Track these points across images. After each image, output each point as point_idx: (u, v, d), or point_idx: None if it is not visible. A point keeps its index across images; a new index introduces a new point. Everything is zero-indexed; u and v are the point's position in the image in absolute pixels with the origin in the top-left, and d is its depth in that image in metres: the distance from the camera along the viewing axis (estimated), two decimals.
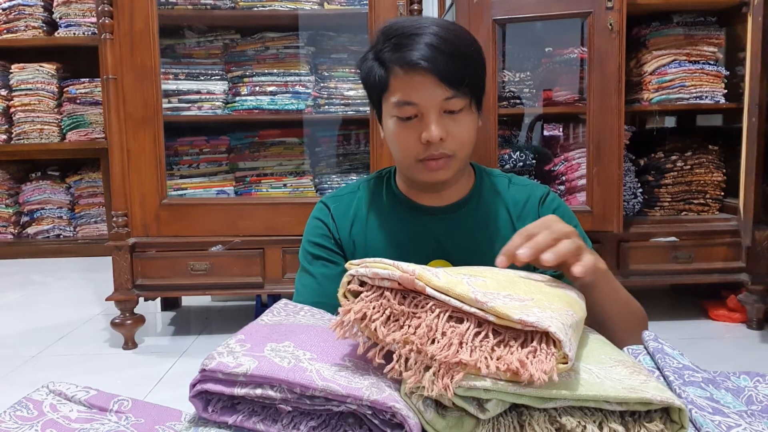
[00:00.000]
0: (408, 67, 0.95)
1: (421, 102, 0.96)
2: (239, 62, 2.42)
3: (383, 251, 1.06)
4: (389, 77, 0.98)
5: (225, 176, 2.45)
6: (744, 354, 2.15)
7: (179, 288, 2.30)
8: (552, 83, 2.51)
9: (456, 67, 0.95)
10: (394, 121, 1.00)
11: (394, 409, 0.59)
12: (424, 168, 1.00)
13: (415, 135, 0.97)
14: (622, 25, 2.16)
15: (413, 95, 0.96)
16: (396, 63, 0.96)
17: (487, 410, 0.58)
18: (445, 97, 0.96)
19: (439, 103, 0.96)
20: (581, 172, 2.34)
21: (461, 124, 0.98)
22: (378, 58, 0.99)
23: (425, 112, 0.96)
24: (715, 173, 2.47)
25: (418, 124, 0.97)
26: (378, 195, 1.12)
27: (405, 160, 1.02)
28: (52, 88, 3.71)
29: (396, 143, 1.01)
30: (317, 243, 1.10)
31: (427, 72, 0.94)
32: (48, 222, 3.90)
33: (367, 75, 1.02)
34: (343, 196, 1.13)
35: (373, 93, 1.03)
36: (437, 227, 1.07)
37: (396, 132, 1.00)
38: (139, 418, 0.71)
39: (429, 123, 0.96)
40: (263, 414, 0.62)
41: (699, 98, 2.40)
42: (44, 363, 2.16)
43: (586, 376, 0.60)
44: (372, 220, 1.10)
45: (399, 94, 0.97)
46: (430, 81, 0.95)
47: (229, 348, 0.65)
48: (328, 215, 1.11)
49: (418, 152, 0.99)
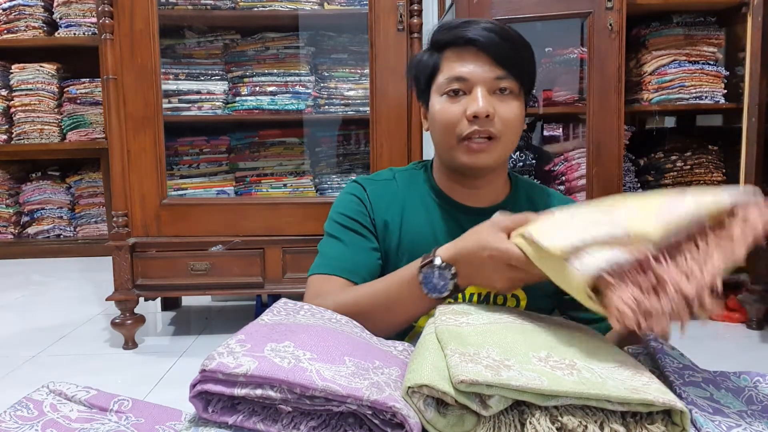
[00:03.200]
0: (462, 44, 0.97)
1: (472, 77, 0.97)
2: (239, 62, 2.42)
3: (417, 242, 1.03)
4: (441, 59, 1.00)
5: (225, 176, 2.45)
6: (744, 354, 2.15)
7: (179, 288, 2.30)
8: (552, 83, 2.51)
9: (509, 49, 0.97)
10: (442, 100, 0.99)
11: (395, 409, 0.59)
12: (466, 149, 0.98)
13: (461, 111, 0.97)
14: (622, 25, 2.16)
15: (465, 70, 0.97)
16: (450, 43, 0.98)
17: (489, 407, 0.58)
18: (496, 75, 0.97)
19: (489, 81, 0.97)
20: (581, 172, 2.34)
21: (509, 106, 0.98)
22: (432, 46, 1.01)
23: (474, 87, 0.97)
24: (715, 173, 2.47)
25: (466, 101, 0.97)
26: (416, 186, 1.09)
27: (447, 138, 1.00)
28: (53, 88, 3.71)
29: (441, 120, 1.00)
30: (352, 217, 1.06)
31: (479, 49, 0.96)
32: (48, 222, 3.90)
33: (417, 64, 1.03)
34: (380, 182, 1.10)
35: (422, 80, 1.03)
36: (472, 226, 1.06)
37: (442, 108, 0.99)
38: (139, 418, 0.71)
39: (476, 98, 0.96)
40: (263, 414, 0.62)
41: (699, 98, 2.40)
42: (44, 363, 2.16)
43: (589, 375, 0.60)
44: (409, 209, 1.07)
45: (451, 70, 0.98)
46: (483, 58, 0.96)
47: (229, 348, 0.65)
48: (365, 195, 1.07)
49: (463, 129, 0.97)
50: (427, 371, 0.61)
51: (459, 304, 0.83)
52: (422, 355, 0.66)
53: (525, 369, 0.60)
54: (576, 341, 0.71)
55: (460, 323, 0.73)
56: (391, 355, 0.75)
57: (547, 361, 0.63)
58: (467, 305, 0.82)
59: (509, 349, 0.65)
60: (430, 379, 0.60)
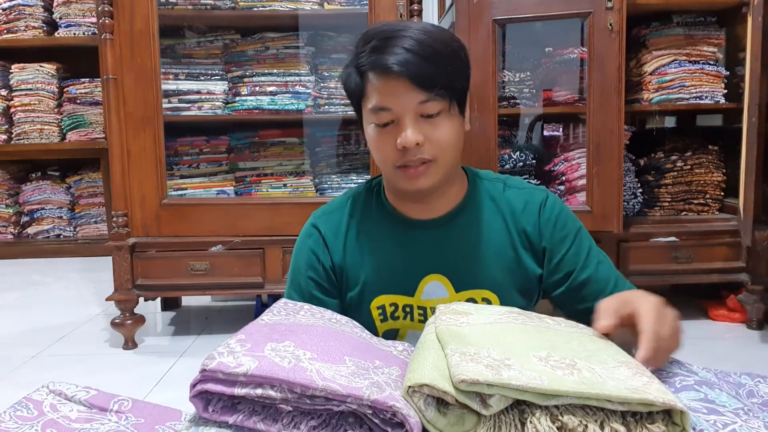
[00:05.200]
0: (381, 71, 0.93)
1: (396, 107, 0.94)
2: (239, 62, 2.41)
3: (376, 269, 1.05)
4: (365, 83, 0.96)
5: (225, 176, 2.45)
6: (744, 354, 2.15)
7: (179, 288, 2.30)
8: (552, 83, 2.51)
9: (430, 69, 0.92)
10: (373, 128, 0.98)
11: (395, 408, 0.59)
12: (403, 175, 0.97)
13: (392, 141, 0.95)
14: (622, 25, 2.16)
15: (387, 100, 0.94)
16: (370, 69, 0.95)
17: (490, 406, 0.58)
18: (419, 100, 0.93)
19: (414, 108, 0.93)
20: (581, 172, 2.34)
21: (440, 128, 0.95)
22: (355, 65, 0.98)
23: (401, 117, 0.94)
24: (715, 173, 2.47)
25: (395, 130, 0.95)
26: (368, 208, 1.09)
27: (385, 167, 1.00)
28: (52, 88, 3.70)
29: (375, 150, 0.99)
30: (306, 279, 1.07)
31: (399, 76, 0.92)
32: (48, 222, 3.90)
33: (346, 82, 1.01)
34: (333, 212, 1.10)
35: (353, 100, 1.02)
36: (429, 241, 1.04)
37: (375, 139, 0.98)
38: (139, 418, 0.71)
39: (404, 128, 0.93)
40: (264, 414, 0.62)
41: (699, 98, 2.40)
42: (44, 363, 2.16)
43: (589, 374, 0.60)
44: (363, 236, 1.07)
45: (374, 99, 0.95)
46: (404, 85, 0.92)
47: (229, 348, 0.65)
48: (319, 240, 1.08)
49: (396, 159, 0.96)
50: (427, 370, 0.61)
51: (459, 303, 0.83)
52: (423, 355, 0.66)
53: (525, 368, 0.60)
54: (576, 341, 0.71)
55: (460, 323, 0.73)
56: (391, 355, 0.75)
57: (547, 360, 0.63)
58: (467, 305, 0.82)
59: (509, 348, 0.65)
60: (430, 379, 0.60)
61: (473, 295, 1.03)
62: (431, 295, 1.04)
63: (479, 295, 1.03)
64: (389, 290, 1.04)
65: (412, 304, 1.04)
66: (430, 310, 1.03)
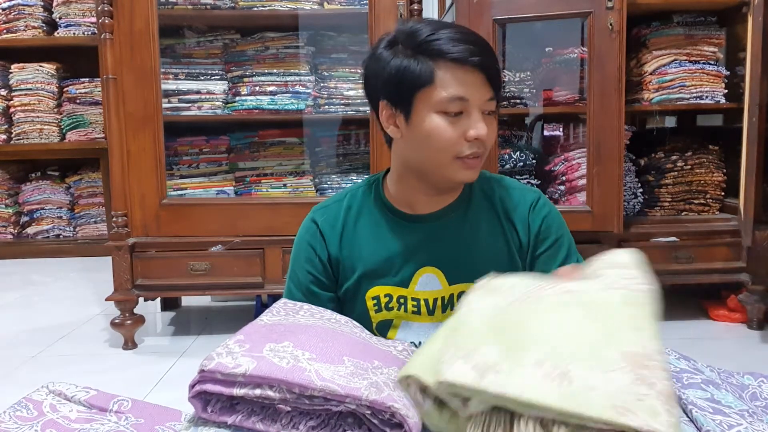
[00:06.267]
0: (462, 62, 0.96)
1: (473, 99, 0.97)
2: (239, 62, 2.41)
3: (372, 261, 1.07)
4: (435, 71, 0.96)
5: (225, 176, 2.45)
6: (744, 354, 2.14)
7: (179, 288, 2.30)
8: (552, 83, 2.51)
9: (497, 70, 0.99)
10: (440, 117, 0.97)
11: (393, 408, 0.59)
12: (462, 166, 1.00)
13: (460, 131, 0.97)
14: (622, 25, 2.16)
15: (467, 91, 0.97)
16: (448, 57, 0.96)
17: (469, 407, 0.58)
18: (489, 97, 0.98)
19: (484, 103, 0.98)
20: (581, 172, 2.34)
21: (492, 126, 1.01)
22: (422, 52, 0.97)
23: (472, 109, 0.97)
24: (716, 173, 2.47)
25: (462, 121, 0.98)
26: (365, 202, 1.11)
27: (442, 156, 0.99)
28: (52, 88, 3.70)
29: (438, 139, 0.98)
30: (304, 273, 1.10)
31: (477, 70, 0.96)
32: (48, 222, 3.90)
33: (402, 70, 0.98)
34: (331, 206, 1.13)
35: (406, 89, 0.98)
36: (424, 235, 1.07)
37: (440, 127, 0.98)
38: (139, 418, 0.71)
39: (478, 120, 0.97)
40: (262, 414, 0.62)
41: (699, 98, 2.39)
42: (44, 363, 2.16)
43: (579, 385, 0.57)
44: (360, 228, 1.09)
45: (451, 88, 0.96)
46: (480, 79, 0.97)
47: (228, 349, 0.65)
48: (316, 233, 1.10)
49: (461, 149, 0.98)
50: (419, 361, 0.61)
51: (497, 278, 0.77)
52: (429, 343, 0.66)
53: (513, 375, 0.57)
54: (593, 322, 0.64)
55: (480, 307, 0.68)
56: (390, 355, 0.75)
57: (542, 365, 0.59)
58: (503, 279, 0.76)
59: (511, 345, 0.61)
60: (417, 370, 0.60)
61: (465, 288, 1.05)
62: (425, 287, 1.07)
63: None
64: (384, 281, 1.07)
65: (406, 296, 1.07)
66: (423, 301, 1.07)
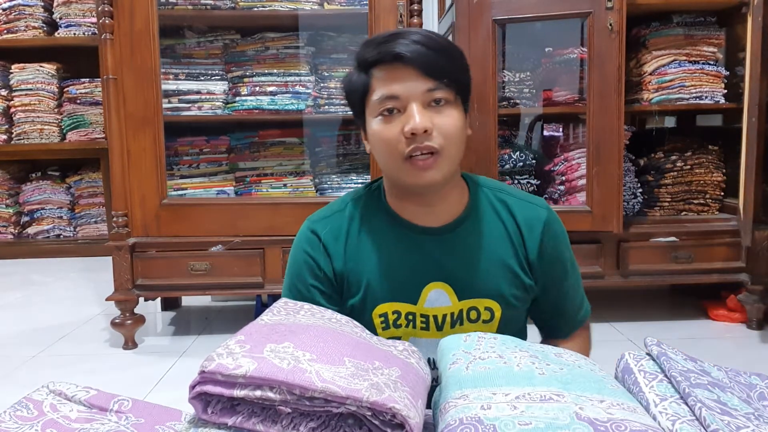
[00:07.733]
0: (389, 61, 0.94)
1: (404, 94, 0.94)
2: (239, 62, 2.41)
3: (379, 276, 1.02)
4: (370, 78, 0.97)
5: (225, 176, 2.45)
6: (744, 354, 2.15)
7: (179, 288, 2.30)
8: (552, 83, 2.51)
9: (437, 59, 0.94)
10: (378, 121, 0.97)
11: (394, 410, 0.59)
12: (411, 167, 0.95)
13: (399, 129, 0.94)
14: (622, 25, 2.16)
15: (395, 87, 0.94)
16: (377, 62, 0.95)
17: None
18: (427, 88, 0.94)
19: (422, 94, 0.94)
20: (581, 172, 2.34)
21: (446, 117, 0.95)
22: (359, 65, 0.98)
23: (408, 104, 0.94)
24: (715, 173, 2.47)
25: (402, 119, 0.95)
26: (369, 212, 1.06)
27: (391, 160, 0.97)
28: (53, 88, 3.70)
29: (380, 142, 0.97)
30: (310, 284, 1.04)
31: (408, 64, 0.93)
32: (48, 222, 3.90)
33: (349, 84, 1.00)
34: (331, 216, 1.07)
35: (356, 101, 1.00)
36: (434, 248, 1.02)
37: (381, 130, 0.96)
38: (139, 418, 0.71)
39: (412, 114, 0.93)
40: (263, 415, 0.62)
41: (699, 98, 2.39)
42: (44, 363, 2.16)
43: None
44: (365, 241, 1.04)
45: (381, 89, 0.95)
46: (412, 72, 0.93)
47: (228, 349, 0.65)
48: (318, 247, 1.04)
49: (403, 148, 0.94)
50: None
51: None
52: None
53: None
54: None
55: None
56: (391, 355, 0.75)
57: None
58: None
59: None
60: None
61: (475, 303, 1.03)
62: (434, 303, 1.02)
63: (482, 304, 1.03)
64: (392, 298, 1.03)
65: (414, 312, 1.03)
66: (432, 318, 1.03)
